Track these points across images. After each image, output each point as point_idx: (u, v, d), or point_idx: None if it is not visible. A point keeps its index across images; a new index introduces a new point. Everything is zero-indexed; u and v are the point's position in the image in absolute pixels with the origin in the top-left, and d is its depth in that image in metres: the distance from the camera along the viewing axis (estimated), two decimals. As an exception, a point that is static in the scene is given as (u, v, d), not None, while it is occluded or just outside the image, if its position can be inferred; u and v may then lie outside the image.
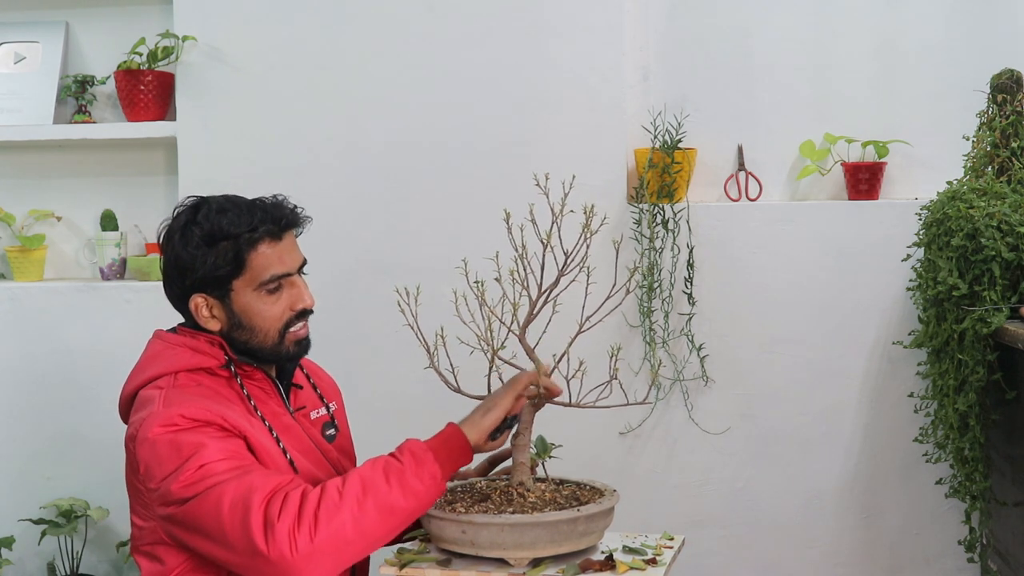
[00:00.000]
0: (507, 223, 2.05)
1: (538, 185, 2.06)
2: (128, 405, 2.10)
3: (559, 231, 2.02)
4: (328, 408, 2.28)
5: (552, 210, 2.05)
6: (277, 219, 2.07)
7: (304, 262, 2.14)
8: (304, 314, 2.11)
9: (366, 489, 1.87)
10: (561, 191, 2.06)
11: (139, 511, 2.04)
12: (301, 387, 2.24)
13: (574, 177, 2.16)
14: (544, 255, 2.02)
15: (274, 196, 2.12)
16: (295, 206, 2.13)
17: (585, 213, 2.04)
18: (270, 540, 1.81)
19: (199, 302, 2.07)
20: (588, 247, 2.03)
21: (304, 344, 2.14)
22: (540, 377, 2.02)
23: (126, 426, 2.06)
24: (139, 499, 2.03)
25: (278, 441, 2.05)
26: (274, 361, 2.13)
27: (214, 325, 2.09)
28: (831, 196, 3.14)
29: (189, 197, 2.12)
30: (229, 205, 2.06)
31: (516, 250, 2.04)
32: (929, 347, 2.76)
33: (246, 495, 1.84)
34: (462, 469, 2.13)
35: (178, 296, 2.11)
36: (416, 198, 3.15)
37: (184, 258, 2.05)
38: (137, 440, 1.97)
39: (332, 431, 2.25)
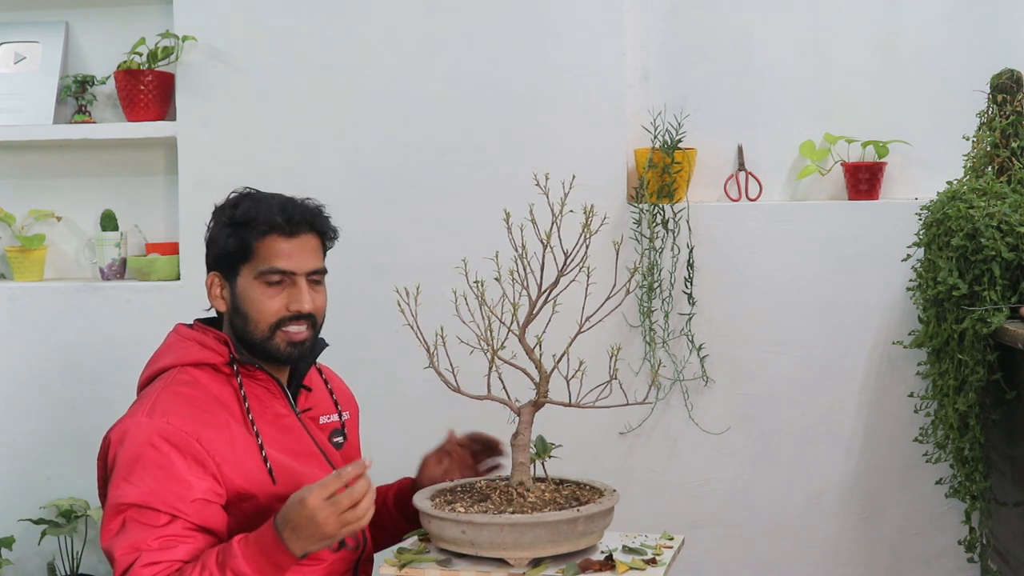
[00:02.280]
0: (507, 223, 2.05)
1: (538, 185, 2.06)
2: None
3: (559, 231, 2.02)
4: (340, 416, 2.29)
5: (552, 210, 2.05)
6: (289, 215, 2.13)
7: (317, 270, 2.16)
8: (300, 317, 2.12)
9: None
10: (561, 191, 2.07)
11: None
12: (311, 389, 2.25)
13: (574, 177, 2.16)
14: (544, 255, 2.02)
15: (307, 198, 2.19)
16: (320, 210, 2.18)
17: (585, 213, 2.04)
18: None
19: (214, 279, 2.17)
20: (588, 247, 2.03)
21: (299, 347, 2.14)
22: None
23: None
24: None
25: (261, 449, 2.06)
26: (266, 356, 2.14)
27: (221, 305, 2.17)
28: (831, 196, 3.14)
29: (247, 188, 2.21)
30: (263, 197, 2.17)
31: (516, 250, 2.05)
32: (929, 347, 2.76)
33: None
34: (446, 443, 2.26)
35: (207, 272, 2.20)
36: (416, 198, 3.15)
37: (212, 236, 2.18)
38: (112, 433, 2.04)
39: (340, 439, 2.27)
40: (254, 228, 2.11)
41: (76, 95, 3.33)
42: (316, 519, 1.85)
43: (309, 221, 2.15)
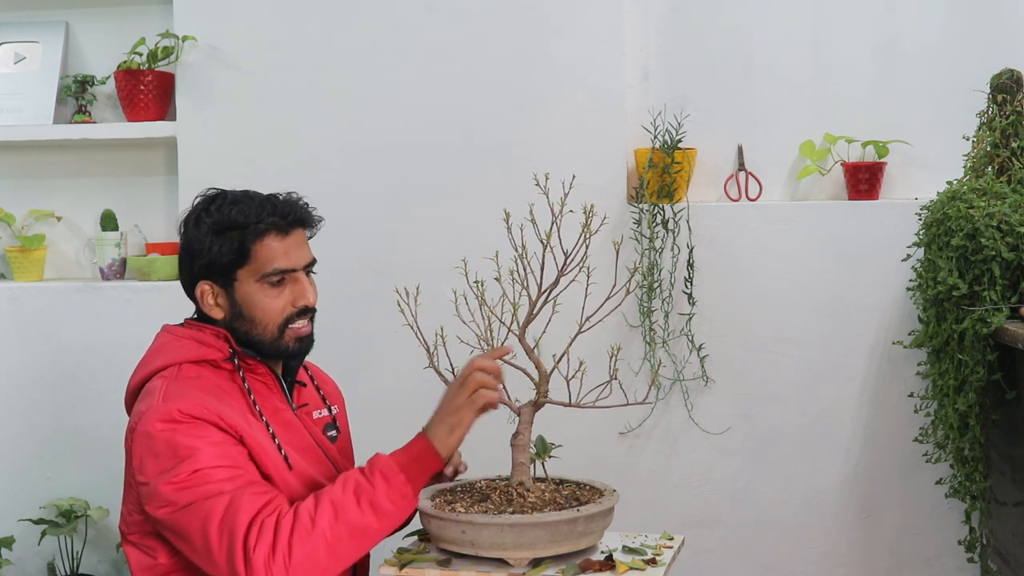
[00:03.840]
0: (507, 223, 2.05)
1: (538, 185, 2.06)
2: (133, 397, 2.13)
3: (559, 231, 2.02)
4: (331, 410, 2.29)
5: (552, 210, 2.05)
6: (284, 214, 2.11)
7: (312, 261, 2.16)
8: (306, 311, 2.13)
9: (337, 514, 1.90)
10: (561, 191, 2.07)
11: (130, 502, 2.07)
12: (304, 384, 2.26)
13: (574, 177, 2.16)
14: (544, 255, 2.02)
15: (288, 193, 2.16)
16: (307, 204, 2.17)
17: (585, 213, 2.04)
18: (249, 569, 1.85)
19: (205, 289, 2.12)
20: (587, 247, 2.03)
21: (305, 342, 2.15)
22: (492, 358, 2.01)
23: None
24: (132, 492, 2.05)
25: (274, 437, 2.06)
26: (274, 355, 2.14)
27: (217, 313, 2.13)
28: (831, 196, 3.14)
29: (211, 189, 2.17)
30: (243, 197, 2.12)
31: (516, 250, 2.05)
32: (929, 347, 2.76)
33: (232, 521, 1.87)
34: None
35: (188, 282, 2.16)
36: (416, 198, 3.15)
37: (194, 244, 2.12)
38: (136, 433, 2.00)
39: (334, 432, 2.27)
40: (249, 231, 2.08)
41: (76, 95, 3.33)
42: (452, 390, 1.99)
43: (301, 217, 2.14)
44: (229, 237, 2.09)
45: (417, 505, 1.97)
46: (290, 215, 2.12)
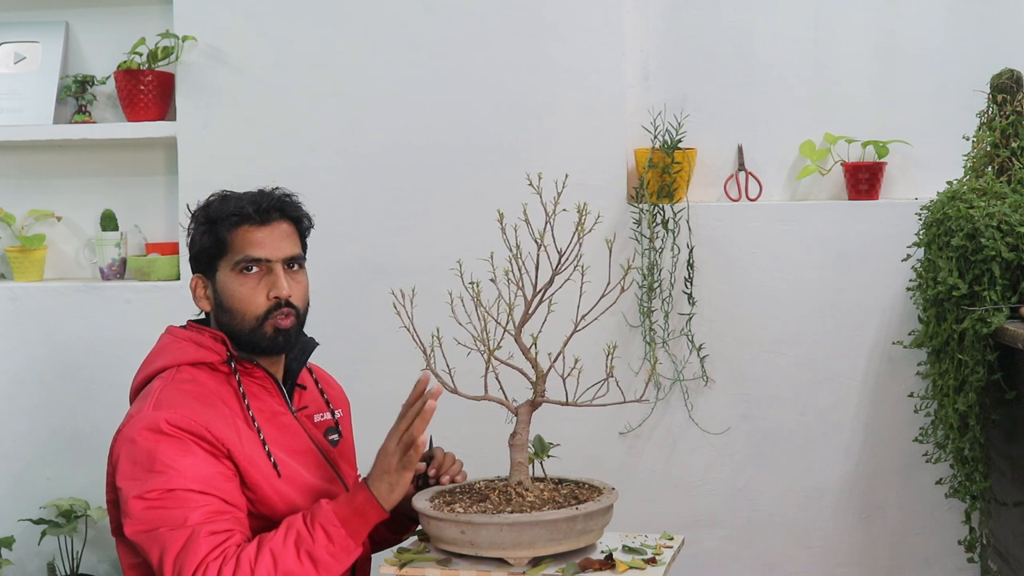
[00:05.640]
0: (500, 223, 2.05)
1: (531, 185, 2.06)
2: (135, 398, 2.15)
3: (552, 231, 2.02)
4: (333, 414, 2.29)
5: (545, 209, 2.05)
6: (258, 204, 2.14)
7: (294, 256, 2.16)
8: (281, 304, 2.12)
9: (276, 564, 1.91)
10: (555, 190, 2.06)
11: (113, 501, 2.10)
12: (305, 387, 2.26)
13: (567, 176, 2.15)
14: (538, 255, 2.02)
15: (276, 188, 2.19)
16: (288, 197, 2.18)
17: (578, 212, 2.04)
18: None
19: (197, 281, 2.18)
20: (581, 246, 2.03)
21: (286, 335, 2.14)
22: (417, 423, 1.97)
23: None
24: (113, 491, 2.07)
25: (264, 444, 2.06)
26: (254, 349, 2.14)
27: (205, 305, 2.17)
28: (831, 196, 3.14)
29: (224, 191, 2.22)
30: (235, 194, 2.17)
31: (510, 250, 2.04)
32: (929, 347, 2.76)
33: (184, 560, 1.90)
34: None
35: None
36: (415, 198, 3.15)
37: (191, 239, 2.18)
38: (121, 435, 2.02)
39: (335, 436, 2.27)
40: (226, 221, 2.12)
41: (76, 95, 3.33)
42: (387, 450, 1.97)
43: (279, 208, 2.15)
44: (211, 229, 2.14)
45: (360, 552, 1.99)
46: (263, 204, 2.14)
